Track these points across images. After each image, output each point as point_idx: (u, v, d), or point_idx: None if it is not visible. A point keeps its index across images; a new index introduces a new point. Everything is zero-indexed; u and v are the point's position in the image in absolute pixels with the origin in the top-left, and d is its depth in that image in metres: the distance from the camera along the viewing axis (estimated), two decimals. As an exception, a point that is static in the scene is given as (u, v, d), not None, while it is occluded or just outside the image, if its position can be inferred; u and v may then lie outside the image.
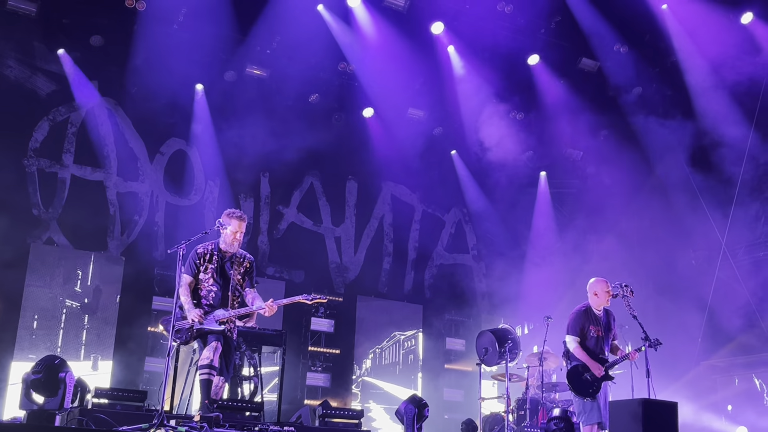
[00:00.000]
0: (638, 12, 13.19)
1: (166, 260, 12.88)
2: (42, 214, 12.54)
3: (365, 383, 14.71)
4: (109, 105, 13.26)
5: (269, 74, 13.53)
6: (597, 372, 8.54)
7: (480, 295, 16.23)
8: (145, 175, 13.55)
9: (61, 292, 12.31)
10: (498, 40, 13.52)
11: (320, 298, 7.76)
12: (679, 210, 14.20)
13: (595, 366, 8.56)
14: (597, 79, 14.31)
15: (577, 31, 13.26)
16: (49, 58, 12.60)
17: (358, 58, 13.50)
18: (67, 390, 6.38)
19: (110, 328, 12.51)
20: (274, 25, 12.67)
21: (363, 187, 15.65)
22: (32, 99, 12.57)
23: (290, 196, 14.91)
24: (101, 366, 12.27)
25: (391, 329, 15.20)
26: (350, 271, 15.27)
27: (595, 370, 8.54)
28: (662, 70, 14.18)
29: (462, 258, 16.51)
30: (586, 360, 8.59)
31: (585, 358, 8.61)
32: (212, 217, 13.11)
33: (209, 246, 7.83)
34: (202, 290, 7.68)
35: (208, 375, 7.37)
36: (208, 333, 7.53)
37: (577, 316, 8.80)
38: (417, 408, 8.69)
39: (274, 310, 7.60)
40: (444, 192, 16.02)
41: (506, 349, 10.90)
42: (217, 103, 13.61)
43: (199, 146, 13.93)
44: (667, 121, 14.16)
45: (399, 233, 15.94)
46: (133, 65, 12.74)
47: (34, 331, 11.96)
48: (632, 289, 8.81)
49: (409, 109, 14.58)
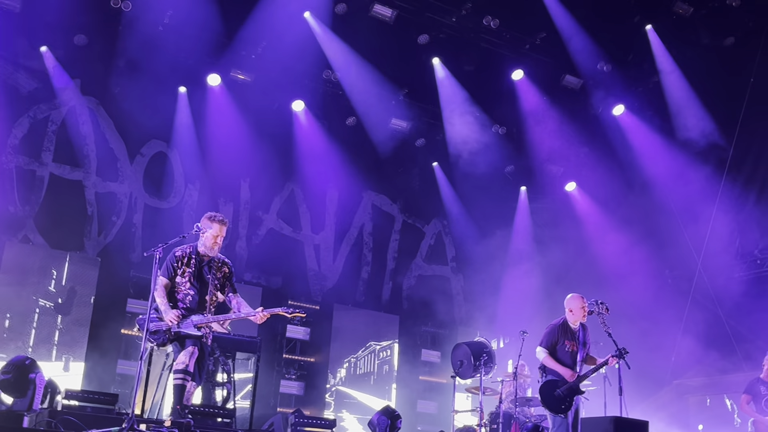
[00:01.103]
0: (623, 31, 13.31)
1: (142, 262, 12.78)
2: (18, 211, 12.42)
3: (339, 392, 14.66)
4: (90, 104, 13.18)
5: (253, 79, 13.50)
6: (569, 378, 8.58)
7: (457, 307, 16.26)
8: (125, 176, 13.47)
9: (34, 292, 12.18)
10: (483, 54, 13.59)
11: (300, 312, 7.49)
12: (657, 228, 14.31)
13: (567, 372, 8.61)
14: (580, 96, 14.40)
15: (561, 48, 13.34)
16: (32, 55, 12.50)
17: (343, 66, 13.50)
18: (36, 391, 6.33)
19: (83, 330, 12.39)
20: (260, 31, 12.64)
21: (344, 196, 15.64)
22: (13, 95, 12.46)
23: (270, 202, 14.87)
24: (73, 367, 12.15)
25: (367, 339, 15.17)
26: (328, 279, 15.23)
27: (568, 376, 8.59)
28: (645, 90, 14.30)
29: (441, 270, 16.53)
30: (557, 368, 8.66)
31: (556, 366, 8.69)
32: (191, 220, 13.01)
33: (187, 249, 7.77)
34: (179, 293, 7.62)
35: (182, 381, 7.31)
36: (186, 337, 7.46)
37: (551, 330, 8.89)
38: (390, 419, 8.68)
39: (266, 317, 7.51)
40: (425, 203, 16.05)
41: (481, 362, 10.90)
42: (200, 107, 13.55)
43: (180, 149, 13.86)
44: (648, 140, 14.27)
45: (378, 243, 15.93)
46: (117, 65, 12.68)
47: (5, 330, 11.82)
48: (607, 306, 8.86)
49: (392, 120, 14.59)
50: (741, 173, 13.90)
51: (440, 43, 13.47)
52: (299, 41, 12.85)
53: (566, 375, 8.61)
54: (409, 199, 16.14)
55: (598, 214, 15.26)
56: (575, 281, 13.11)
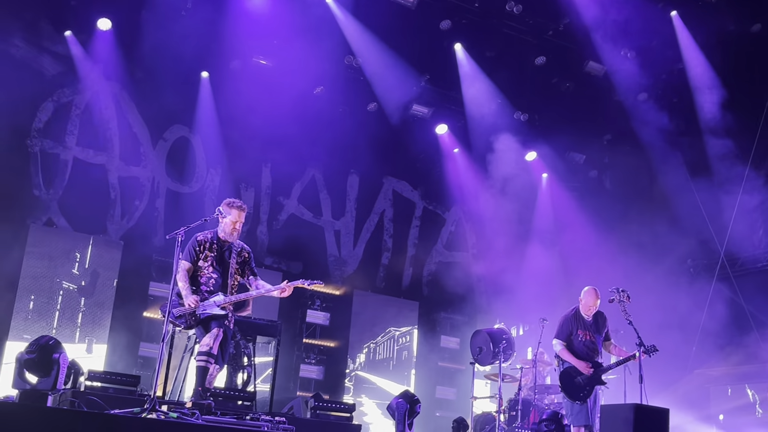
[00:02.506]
0: (647, 18, 13.17)
1: (164, 246, 12.89)
2: (43, 195, 12.54)
3: (358, 377, 14.73)
4: (114, 89, 13.25)
5: (275, 64, 13.52)
6: (585, 371, 8.59)
7: (477, 294, 16.23)
8: (147, 161, 13.55)
9: (58, 274, 12.31)
10: (505, 40, 13.51)
11: (317, 282, 7.75)
12: (680, 217, 14.19)
13: (582, 365, 8.63)
14: (603, 83, 14.29)
15: (585, 35, 13.23)
16: (56, 40, 12.59)
17: (364, 52, 13.47)
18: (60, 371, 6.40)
19: (106, 312, 12.51)
20: (282, 16, 12.64)
21: (364, 182, 15.65)
22: (38, 79, 12.55)
23: (291, 187, 14.91)
24: (95, 349, 12.28)
25: (386, 325, 15.21)
26: (348, 264, 15.27)
27: (583, 369, 8.60)
28: (669, 76, 14.16)
29: (461, 256, 16.52)
30: (572, 361, 8.68)
31: (571, 359, 8.70)
32: (212, 205, 13.10)
33: (209, 234, 7.83)
34: (202, 277, 7.68)
35: (205, 362, 7.37)
36: (211, 319, 7.53)
37: (564, 321, 8.95)
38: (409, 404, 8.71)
39: (291, 289, 7.61)
40: (446, 190, 16.02)
41: (500, 349, 10.90)
42: (222, 92, 13.59)
43: (202, 134, 13.93)
44: (672, 128, 14.14)
45: (399, 229, 15.94)
46: (140, 50, 12.72)
47: (30, 312, 11.97)
48: (629, 294, 8.83)
49: (413, 105, 14.56)
50: (766, 161, 13.74)
51: (462, 28, 13.41)
52: (321, 27, 12.85)
53: (581, 368, 8.62)
54: (429, 185, 16.12)
55: (621, 201, 15.15)
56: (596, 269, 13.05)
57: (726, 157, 13.63)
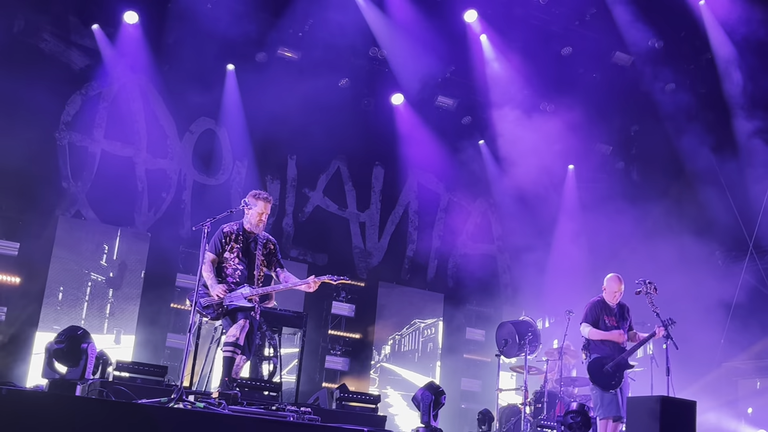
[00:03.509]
0: (675, 7, 13.02)
1: (191, 238, 12.97)
2: (71, 187, 12.67)
3: (383, 369, 14.75)
4: (140, 82, 13.34)
5: (300, 57, 13.54)
6: (619, 338, 8.64)
7: (503, 286, 16.20)
8: (174, 153, 13.64)
9: (86, 266, 12.44)
10: (531, 31, 13.42)
11: (344, 278, 7.80)
12: (708, 208, 14.04)
13: (615, 335, 8.67)
14: (630, 73, 14.15)
15: (612, 25, 13.11)
16: (84, 33, 12.70)
17: (389, 43, 13.46)
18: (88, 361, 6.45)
19: (134, 303, 12.64)
20: (307, 8, 12.67)
21: (389, 174, 15.64)
22: (66, 73, 12.66)
23: (317, 179, 14.94)
24: (123, 340, 12.41)
25: (411, 317, 15.21)
26: (373, 256, 15.29)
27: (616, 337, 8.65)
28: (697, 67, 14.00)
29: (486, 248, 16.46)
30: (604, 336, 8.73)
31: (603, 334, 8.75)
32: (238, 197, 13.17)
33: (235, 226, 7.88)
34: (228, 268, 7.73)
35: (232, 353, 7.43)
36: (237, 310, 7.58)
37: (591, 307, 8.97)
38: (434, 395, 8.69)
39: (318, 284, 7.65)
40: (471, 181, 15.96)
41: (526, 341, 10.89)
42: (248, 84, 13.65)
43: (228, 126, 14.00)
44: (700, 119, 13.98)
45: (424, 221, 15.92)
46: (166, 43, 12.81)
47: (59, 303, 12.11)
48: (656, 286, 8.77)
49: (438, 97, 14.52)
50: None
51: (488, 19, 13.34)
52: (346, 18, 12.85)
53: (614, 337, 8.68)
54: (455, 177, 16.07)
55: (648, 193, 15.01)
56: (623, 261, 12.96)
57: (756, 148, 13.46)
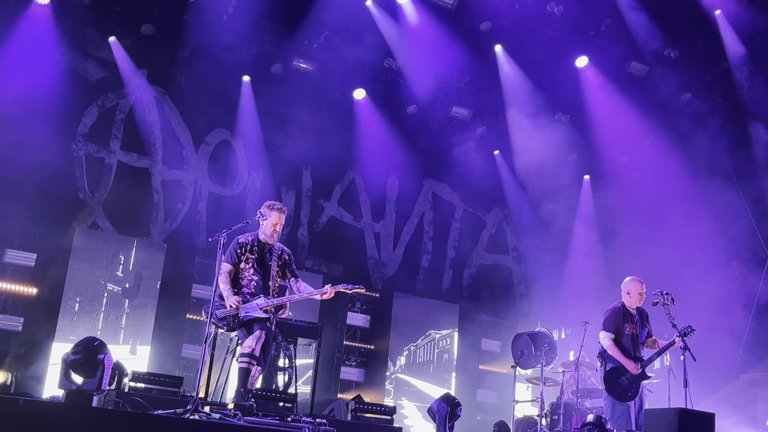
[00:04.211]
0: (691, 16, 12.97)
1: (206, 248, 13.02)
2: (88, 198, 12.75)
3: (399, 380, 14.71)
4: (157, 93, 13.44)
5: (316, 68, 13.59)
6: (633, 370, 8.44)
7: (518, 297, 16.14)
8: (190, 164, 13.71)
9: (103, 276, 12.50)
10: (546, 41, 13.40)
11: (359, 288, 7.80)
12: (726, 218, 13.94)
13: (630, 365, 8.47)
14: (646, 83, 14.10)
15: (627, 34, 13.07)
16: (101, 45, 12.81)
17: (404, 54, 13.48)
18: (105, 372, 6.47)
19: (149, 314, 12.67)
20: (322, 20, 12.71)
21: (404, 184, 15.64)
22: (82, 85, 12.78)
23: (331, 190, 14.97)
24: (139, 351, 12.44)
25: (426, 327, 15.17)
26: (388, 267, 15.28)
27: (632, 368, 8.45)
28: (713, 77, 13.93)
29: (501, 259, 16.42)
30: (621, 359, 8.50)
31: (620, 356, 8.51)
32: (254, 207, 13.22)
33: (250, 237, 7.89)
34: (243, 279, 7.74)
35: (247, 364, 7.43)
36: (254, 321, 7.58)
37: (612, 314, 8.73)
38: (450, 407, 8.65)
39: (333, 293, 7.66)
40: (486, 192, 15.93)
41: (542, 352, 10.81)
42: (263, 95, 13.70)
43: (243, 137, 14.06)
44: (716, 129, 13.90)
45: (439, 231, 15.90)
46: (182, 55, 12.89)
47: (76, 313, 12.17)
48: (673, 297, 8.68)
49: (453, 107, 14.52)
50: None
51: (503, 29, 13.33)
52: (361, 29, 12.89)
53: (630, 367, 8.46)
54: (469, 187, 16.05)
55: (665, 203, 14.92)
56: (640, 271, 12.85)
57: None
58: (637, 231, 14.86)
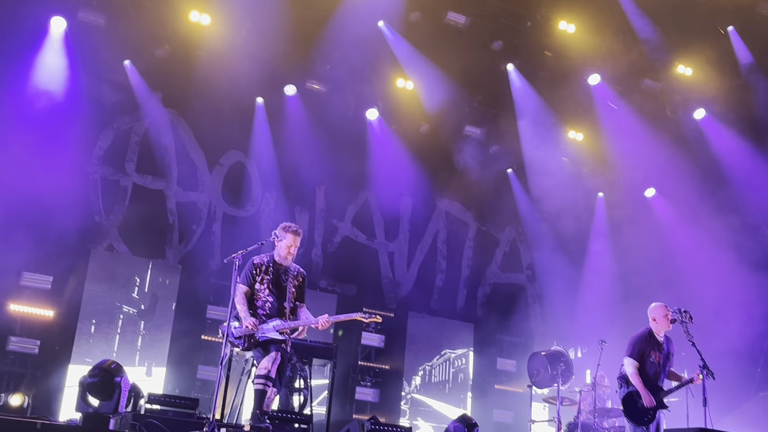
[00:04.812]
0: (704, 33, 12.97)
1: (221, 270, 13.03)
2: (103, 220, 12.81)
3: (414, 400, 14.65)
4: (171, 116, 13.53)
5: (328, 89, 13.65)
6: (648, 403, 8.36)
7: (533, 315, 16.05)
8: (204, 186, 13.76)
9: (118, 298, 12.54)
10: (558, 59, 13.42)
11: (376, 316, 7.74)
12: (742, 234, 13.86)
13: (647, 397, 8.38)
14: (660, 99, 14.09)
15: (639, 51, 13.08)
16: (115, 69, 12.90)
17: (416, 74, 13.53)
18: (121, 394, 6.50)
19: (165, 335, 12.69)
20: (335, 41, 12.78)
21: (417, 203, 15.64)
22: (98, 108, 12.84)
23: (345, 210, 14.98)
24: (155, 372, 12.45)
25: (441, 347, 15.12)
26: (402, 286, 15.25)
27: (647, 402, 8.36)
28: (728, 93, 13.90)
29: (516, 278, 16.37)
30: (640, 389, 8.43)
31: (640, 386, 8.44)
32: (268, 228, 13.23)
33: (265, 258, 7.90)
34: (258, 300, 7.75)
35: (263, 386, 7.41)
36: (270, 342, 7.58)
37: (638, 340, 8.64)
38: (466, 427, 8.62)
39: (327, 325, 7.64)
40: (499, 210, 15.90)
41: (558, 371, 10.75)
42: (277, 117, 13.77)
43: (257, 158, 14.11)
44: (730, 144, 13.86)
45: (452, 250, 15.87)
46: (196, 77, 12.96)
47: (92, 336, 12.20)
48: (691, 315, 8.62)
49: (465, 126, 14.54)
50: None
51: (514, 48, 13.38)
52: (373, 50, 12.96)
53: (646, 401, 8.39)
54: (483, 206, 16.03)
55: (679, 219, 14.87)
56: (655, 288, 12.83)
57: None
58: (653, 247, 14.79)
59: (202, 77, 12.93)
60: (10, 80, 11.89)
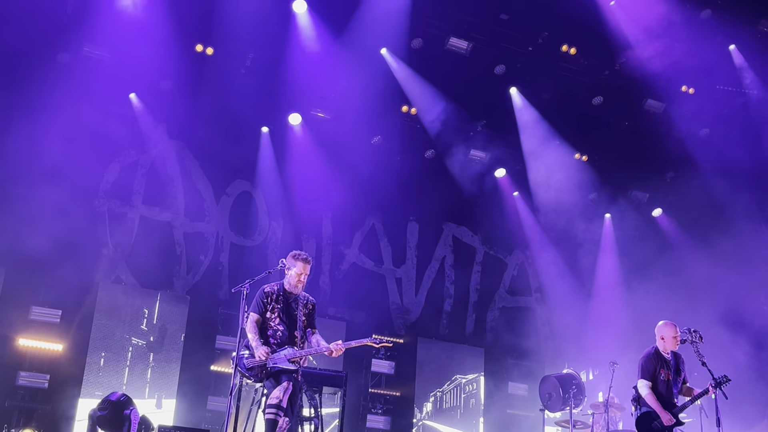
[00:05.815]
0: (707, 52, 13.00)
1: (230, 300, 13.04)
2: (111, 253, 12.83)
3: (426, 427, 14.54)
4: (177, 147, 13.59)
5: (333, 117, 13.72)
6: (666, 421, 8.31)
7: (543, 338, 15.97)
8: (211, 216, 13.80)
9: (127, 330, 12.54)
10: (561, 82, 13.48)
11: (386, 342, 7.71)
12: (750, 252, 13.79)
13: (665, 416, 8.34)
14: (663, 119, 14.11)
15: (642, 72, 13.12)
16: (121, 101, 12.98)
17: (420, 100, 13.59)
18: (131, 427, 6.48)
19: (174, 367, 12.66)
20: (338, 69, 12.86)
21: (424, 229, 15.65)
22: (104, 141, 12.91)
23: (352, 236, 14.98)
24: (165, 404, 12.41)
25: (452, 372, 15.04)
26: (411, 312, 15.21)
27: (666, 420, 8.31)
28: (731, 111, 13.91)
29: (525, 301, 16.31)
30: (657, 408, 8.39)
31: (656, 405, 8.40)
32: (275, 257, 13.25)
33: (275, 286, 7.86)
34: (269, 329, 7.70)
35: (275, 415, 7.35)
36: (280, 372, 7.53)
37: (647, 360, 8.62)
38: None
39: (341, 351, 7.59)
40: (506, 234, 15.89)
41: (570, 394, 10.66)
42: (282, 146, 13.83)
43: (263, 187, 14.16)
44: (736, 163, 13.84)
45: (460, 275, 15.84)
46: (201, 108, 13.04)
47: (101, 369, 12.18)
48: (701, 334, 8.57)
49: (471, 151, 14.57)
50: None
51: (517, 72, 13.44)
52: (377, 77, 13.02)
53: (665, 420, 8.34)
54: (490, 230, 16.02)
55: (687, 239, 14.82)
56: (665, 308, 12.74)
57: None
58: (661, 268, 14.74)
59: (208, 108, 13.01)
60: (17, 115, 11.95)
